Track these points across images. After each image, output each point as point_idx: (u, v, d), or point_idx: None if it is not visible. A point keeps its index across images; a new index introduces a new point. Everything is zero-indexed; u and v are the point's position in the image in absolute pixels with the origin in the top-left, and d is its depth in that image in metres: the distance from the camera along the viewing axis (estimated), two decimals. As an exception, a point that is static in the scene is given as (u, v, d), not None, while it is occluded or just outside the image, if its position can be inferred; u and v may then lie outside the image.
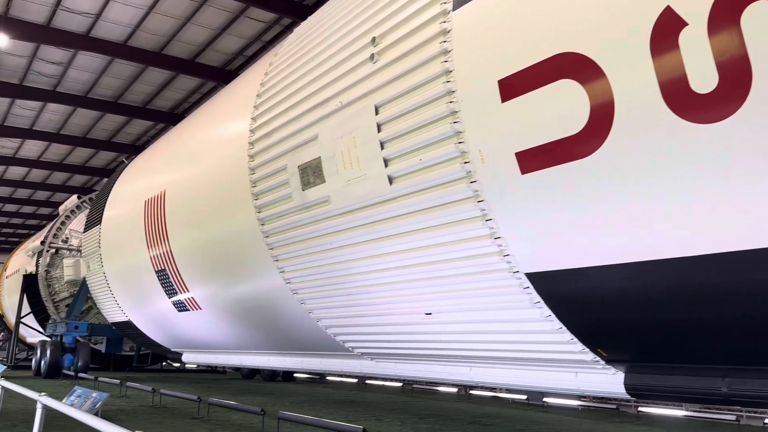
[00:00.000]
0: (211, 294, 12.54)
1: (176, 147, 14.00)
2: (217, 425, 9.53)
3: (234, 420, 10.36)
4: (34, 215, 47.13)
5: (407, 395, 17.25)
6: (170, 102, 25.00)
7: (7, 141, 30.15)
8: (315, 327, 10.18)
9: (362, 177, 7.31)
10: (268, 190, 9.31)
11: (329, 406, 12.96)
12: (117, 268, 16.36)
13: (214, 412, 10.89)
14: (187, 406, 12.13)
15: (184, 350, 17.39)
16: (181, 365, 30.00)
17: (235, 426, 9.53)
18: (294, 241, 9.06)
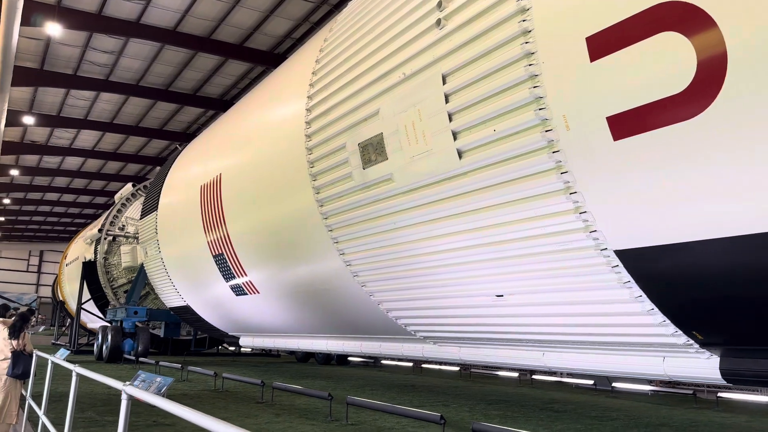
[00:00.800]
0: (268, 278, 12.40)
1: (230, 131, 13.87)
2: (282, 409, 9.37)
3: (298, 404, 10.20)
4: (90, 204, 48.40)
5: (465, 380, 16.89)
6: (220, 88, 25.03)
7: (63, 131, 30.87)
8: (376, 310, 9.89)
9: (428, 152, 6.91)
10: (327, 170, 9.00)
11: (390, 391, 12.70)
12: (174, 254, 16.45)
13: (277, 396, 10.75)
14: (248, 390, 12.06)
15: (241, 334, 17.42)
16: (237, 349, 30.39)
17: (300, 410, 9.35)
18: (354, 221, 8.74)
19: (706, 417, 10.05)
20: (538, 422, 9.01)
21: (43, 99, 26.33)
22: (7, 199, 44.67)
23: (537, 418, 9.40)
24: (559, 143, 5.40)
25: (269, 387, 10.51)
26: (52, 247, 64.85)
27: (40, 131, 31.04)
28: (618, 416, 9.80)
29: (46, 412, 5.49)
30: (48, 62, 22.57)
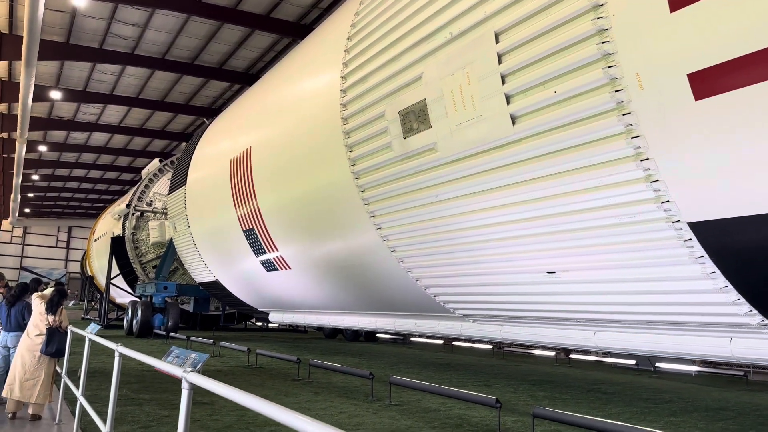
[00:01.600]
0: (300, 253, 12.10)
1: (259, 104, 13.49)
2: (320, 388, 9.08)
3: (335, 382, 9.90)
4: (117, 181, 48.66)
5: (499, 358, 16.53)
6: (245, 62, 24.63)
7: (89, 107, 30.82)
8: (413, 287, 9.54)
9: (477, 118, 6.45)
10: (364, 141, 8.59)
11: (426, 369, 12.37)
12: (204, 229, 16.25)
13: (313, 374, 10.47)
14: (282, 367, 11.81)
15: (271, 310, 17.25)
16: (264, 325, 30.43)
17: (339, 389, 9.06)
18: (393, 194, 8.34)
19: (764, 400, 9.57)
20: (589, 405, 8.61)
21: (70, 74, 26.21)
22: (35, 176, 45.08)
23: (587, 401, 8.99)
24: (631, 104, 4.91)
25: (305, 364, 10.23)
26: (80, 223, 65.60)
27: (67, 107, 31.03)
28: (671, 398, 9.37)
29: (83, 392, 5.22)
30: (74, 36, 22.36)
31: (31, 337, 6.65)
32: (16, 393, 6.32)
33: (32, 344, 6.58)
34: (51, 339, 6.42)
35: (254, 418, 6.64)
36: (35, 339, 6.59)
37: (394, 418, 6.88)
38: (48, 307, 6.69)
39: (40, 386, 6.41)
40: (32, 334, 6.66)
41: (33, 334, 6.66)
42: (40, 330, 6.59)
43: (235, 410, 6.97)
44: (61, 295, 6.86)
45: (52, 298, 6.80)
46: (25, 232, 64.23)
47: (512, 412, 7.73)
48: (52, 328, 6.51)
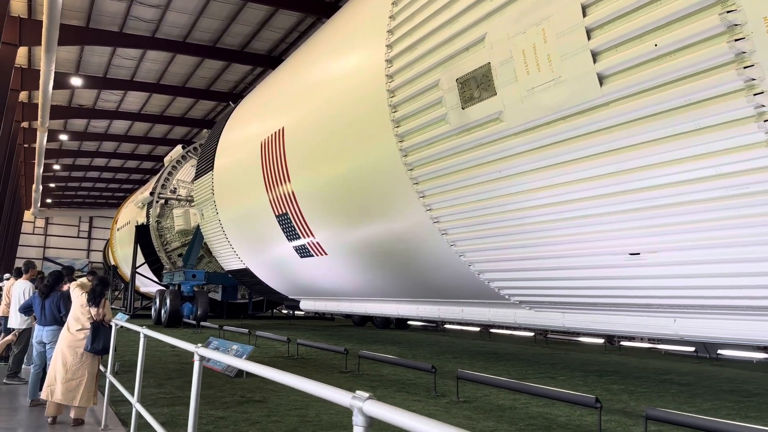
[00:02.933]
0: (338, 238, 11.49)
1: (291, 82, 12.85)
2: (373, 381, 8.40)
3: (386, 374, 9.25)
4: (137, 170, 48.36)
5: (542, 345, 15.82)
6: (268, 43, 23.95)
7: (110, 94, 30.37)
8: (465, 272, 8.89)
9: (555, 81, 5.76)
10: (414, 114, 7.92)
11: (476, 359, 11.69)
12: (233, 215, 15.71)
13: (359, 364, 9.82)
14: (324, 357, 11.15)
15: (302, 297, 16.72)
16: (291, 312, 30.01)
17: (394, 382, 8.41)
18: (448, 171, 7.67)
19: None
20: (673, 398, 7.87)
21: (90, 59, 25.72)
22: (57, 165, 44.95)
23: (668, 393, 8.23)
24: (755, 55, 4.20)
25: (353, 355, 9.59)
26: (101, 213, 65.60)
27: (87, 94, 30.61)
28: (757, 390, 8.64)
29: (139, 399, 4.54)
30: (93, 19, 21.81)
31: (72, 332, 5.93)
32: (57, 395, 5.68)
33: (74, 340, 5.89)
34: (96, 334, 5.75)
35: (316, 417, 6.04)
36: (77, 334, 5.91)
37: (470, 417, 6.21)
38: (90, 299, 6.01)
39: (83, 387, 5.75)
40: (73, 329, 5.95)
41: (74, 329, 5.94)
42: (82, 324, 5.92)
43: (293, 409, 6.36)
44: (103, 285, 6.19)
45: (94, 288, 6.10)
46: (47, 222, 64.44)
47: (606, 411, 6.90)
48: (96, 323, 5.86)
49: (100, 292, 6.03)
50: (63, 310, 6.61)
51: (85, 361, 5.85)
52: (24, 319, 8.06)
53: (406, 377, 8.98)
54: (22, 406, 6.61)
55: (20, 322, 8.15)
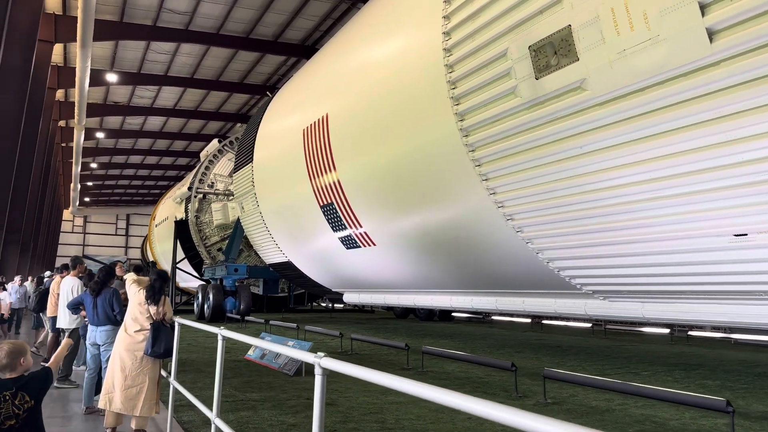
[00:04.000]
0: (388, 227, 10.93)
1: (334, 67, 12.30)
2: (440, 379, 7.65)
3: (453, 371, 8.56)
4: (172, 166, 48.59)
5: (600, 337, 15.02)
6: (302, 32, 23.49)
7: (144, 90, 30.34)
8: (532, 260, 8.25)
9: (653, 40, 5.08)
10: (477, 89, 7.29)
11: (541, 353, 10.94)
12: (274, 207, 15.28)
13: (416, 360, 9.20)
14: (380, 353, 10.53)
15: (345, 290, 16.25)
16: (328, 305, 29.66)
17: (465, 380, 7.75)
18: (517, 150, 7.03)
19: None
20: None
21: (124, 55, 25.62)
22: (94, 163, 45.36)
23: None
24: None
25: (415, 351, 8.96)
26: (137, 211, 66.32)
27: (122, 91, 30.63)
28: None
29: (219, 413, 4.00)
30: (127, 14, 21.62)
31: (130, 333, 5.36)
32: (116, 404, 5.15)
33: (132, 343, 5.31)
34: (157, 336, 5.19)
35: (397, 423, 5.45)
36: (135, 336, 5.34)
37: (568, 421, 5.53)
38: (149, 296, 5.42)
39: (144, 395, 5.19)
40: (131, 330, 5.37)
41: (132, 330, 5.37)
42: (141, 325, 5.36)
43: (369, 414, 5.77)
44: (163, 280, 5.56)
45: (153, 284, 5.50)
46: (85, 221, 65.43)
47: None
48: (156, 323, 5.31)
49: (159, 289, 5.45)
50: (116, 308, 6.10)
51: (146, 366, 5.28)
52: (73, 318, 7.60)
53: (475, 374, 8.35)
54: (76, 414, 6.13)
55: (69, 321, 7.68)
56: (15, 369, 3.33)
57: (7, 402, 3.26)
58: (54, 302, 9.22)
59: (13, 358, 3.32)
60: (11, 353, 3.34)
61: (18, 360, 3.35)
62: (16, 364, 3.33)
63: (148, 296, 5.37)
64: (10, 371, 3.33)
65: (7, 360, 3.31)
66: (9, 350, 3.34)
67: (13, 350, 3.36)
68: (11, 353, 3.34)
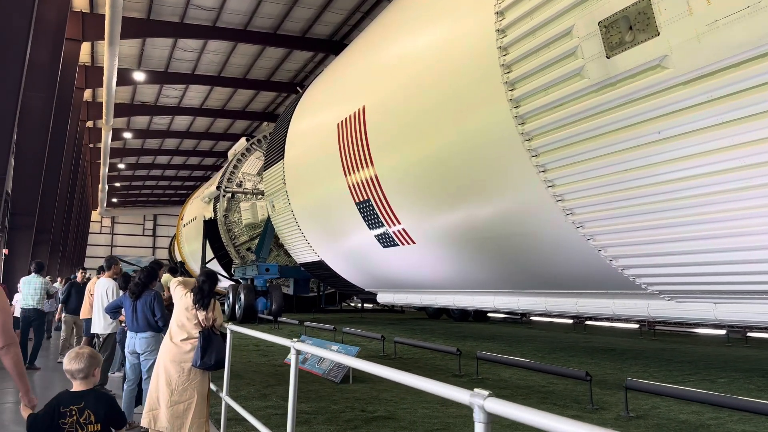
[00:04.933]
0: (429, 224, 10.39)
1: (370, 57, 11.80)
2: (503, 389, 6.97)
3: (512, 380, 7.83)
4: (199, 166, 48.55)
5: (648, 338, 14.25)
6: (330, 27, 23.04)
7: (171, 89, 30.17)
8: (591, 257, 7.64)
9: (752, 8, 4.47)
10: (536, 72, 6.71)
11: (597, 357, 10.20)
12: (306, 204, 14.82)
13: (468, 366, 8.57)
14: (425, 357, 9.85)
15: (379, 290, 15.75)
16: (357, 305, 29.22)
17: (526, 390, 7.04)
18: (581, 138, 6.45)
19: None
20: None
21: (151, 54, 25.42)
22: (121, 164, 45.50)
23: None
24: None
25: (468, 357, 8.32)
26: (164, 211, 66.51)
27: (149, 91, 30.51)
28: None
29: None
30: (154, 11, 21.36)
31: (177, 342, 4.74)
32: (162, 422, 4.60)
33: (179, 353, 4.70)
34: (207, 346, 4.59)
35: None
36: (182, 345, 4.71)
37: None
38: (197, 300, 4.77)
39: (192, 412, 4.60)
40: (177, 339, 4.76)
41: (178, 339, 4.75)
42: (188, 333, 4.74)
43: (434, 431, 5.24)
44: (212, 282, 4.91)
45: (201, 286, 4.82)
46: (113, 222, 65.90)
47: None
48: (206, 331, 4.70)
49: (208, 291, 4.83)
50: (158, 313, 5.53)
51: (194, 379, 4.68)
52: (108, 323, 7.13)
53: (535, 383, 7.68)
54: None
55: (104, 326, 7.23)
56: (87, 378, 2.95)
57: (72, 417, 2.83)
58: (89, 303, 8.83)
59: (90, 365, 2.95)
60: (91, 360, 2.95)
61: (93, 368, 2.97)
62: (91, 373, 2.95)
63: (195, 300, 4.82)
64: (82, 380, 2.94)
65: (86, 364, 2.93)
66: (90, 354, 2.97)
67: (93, 357, 2.98)
68: (91, 360, 2.95)
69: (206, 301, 4.81)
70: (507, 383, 7.65)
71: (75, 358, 2.91)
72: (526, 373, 8.22)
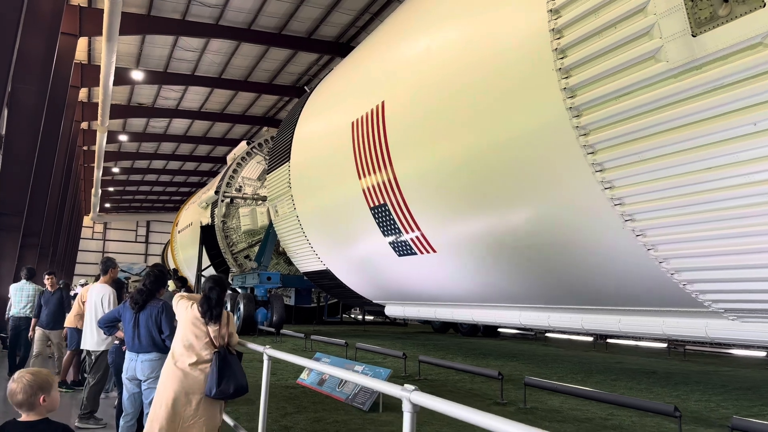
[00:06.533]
0: (454, 231, 9.51)
1: (391, 50, 10.95)
2: (562, 422, 6.03)
3: (559, 408, 6.87)
4: (195, 172, 47.51)
5: (679, 359, 13.27)
6: (337, 28, 22.25)
7: (169, 91, 29.28)
8: (650, 270, 6.77)
9: None
10: (599, 56, 5.88)
11: (639, 382, 9.28)
12: (313, 210, 13.92)
13: (509, 392, 7.52)
14: (452, 380, 8.78)
15: (388, 302, 14.82)
16: (357, 317, 28.25)
17: (585, 423, 5.98)
18: (652, 131, 5.61)
19: None
20: None
21: (150, 52, 24.52)
22: (115, 168, 44.45)
23: None
24: None
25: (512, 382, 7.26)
26: (157, 218, 65.37)
27: (147, 92, 29.59)
28: None
29: None
30: (155, 7, 20.50)
31: (182, 367, 3.83)
32: None
33: (186, 380, 3.79)
34: (224, 371, 3.69)
35: None
36: (190, 371, 3.79)
37: None
38: (205, 311, 3.87)
39: None
40: (184, 362, 3.84)
41: (185, 363, 3.83)
42: (197, 354, 3.79)
43: None
44: (221, 288, 4.05)
45: (208, 294, 3.94)
46: (105, 227, 64.70)
47: None
48: (222, 351, 3.79)
49: (217, 300, 3.94)
50: (166, 330, 4.44)
51: (204, 411, 3.78)
52: (103, 338, 6.04)
53: (594, 414, 6.66)
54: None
55: (98, 341, 6.13)
56: (33, 408, 2.55)
57: None
58: (78, 313, 7.86)
59: (32, 393, 2.53)
60: (31, 386, 2.54)
61: (38, 397, 2.54)
62: (35, 402, 2.54)
63: (203, 312, 3.88)
64: (27, 411, 2.55)
65: (23, 396, 2.52)
66: (29, 382, 2.55)
67: (34, 383, 2.56)
68: (31, 386, 2.54)
69: (216, 311, 3.87)
70: (560, 414, 6.61)
71: (14, 390, 2.53)
72: (578, 402, 7.26)
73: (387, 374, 6.24)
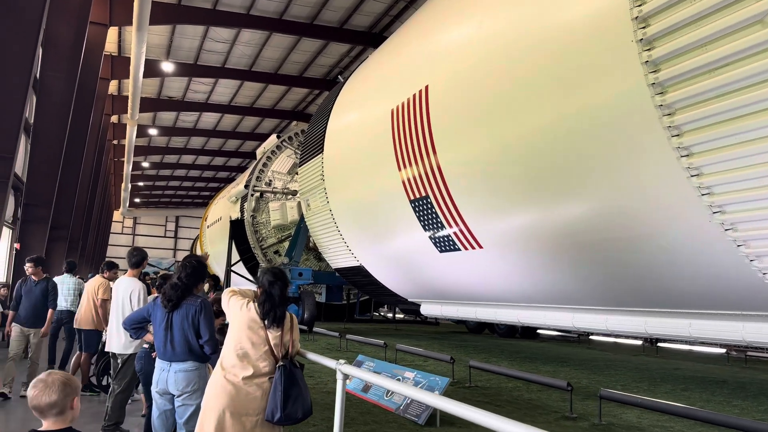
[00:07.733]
0: (504, 225, 8.79)
1: (436, 32, 10.25)
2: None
3: (638, 423, 6.14)
4: (224, 167, 47.35)
5: (739, 365, 12.32)
6: (370, 18, 21.62)
7: (199, 84, 28.97)
8: (739, 268, 5.99)
9: None
10: (688, 24, 5.12)
11: (714, 394, 8.40)
12: (348, 203, 13.29)
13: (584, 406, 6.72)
14: (505, 388, 8.00)
15: (424, 300, 14.14)
16: (387, 315, 27.60)
17: None
18: (754, 109, 4.85)
19: None
20: None
21: (180, 44, 24.16)
22: (145, 162, 44.46)
23: None
24: None
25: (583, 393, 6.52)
26: (186, 213, 65.58)
27: (177, 85, 29.33)
28: None
29: None
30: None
31: (235, 381, 3.11)
32: None
33: (239, 396, 3.08)
34: (290, 389, 2.98)
35: None
36: (244, 387, 3.08)
37: None
38: (266, 312, 3.17)
39: None
40: (237, 375, 3.13)
41: (239, 376, 3.13)
42: (254, 366, 3.09)
43: None
44: (284, 283, 3.32)
45: (269, 291, 3.23)
46: (135, 222, 65.10)
47: None
48: (287, 364, 3.10)
49: (280, 299, 3.24)
50: (206, 334, 3.65)
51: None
52: (130, 341, 5.33)
53: (675, 429, 5.92)
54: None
55: (125, 344, 5.42)
56: (64, 412, 2.18)
57: None
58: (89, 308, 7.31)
59: (66, 394, 2.18)
60: (67, 385, 2.19)
61: (71, 399, 2.20)
62: (67, 405, 2.19)
63: (265, 313, 3.16)
64: (56, 416, 2.16)
65: (58, 396, 2.15)
66: (63, 381, 2.20)
67: (68, 382, 2.20)
68: (67, 385, 2.19)
69: (280, 312, 3.17)
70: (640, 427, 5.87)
71: (44, 389, 2.16)
72: (657, 417, 6.47)
73: (445, 384, 5.55)
